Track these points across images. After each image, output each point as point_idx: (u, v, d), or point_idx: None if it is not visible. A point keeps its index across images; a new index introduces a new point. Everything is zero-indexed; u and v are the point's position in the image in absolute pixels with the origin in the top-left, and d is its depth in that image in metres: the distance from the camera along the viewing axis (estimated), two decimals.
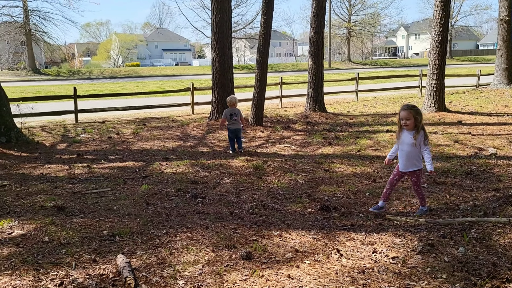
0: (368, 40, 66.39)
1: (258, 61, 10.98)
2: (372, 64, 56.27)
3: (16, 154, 8.23)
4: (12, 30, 40.81)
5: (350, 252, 3.67)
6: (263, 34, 10.68)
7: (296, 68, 50.84)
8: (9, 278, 3.22)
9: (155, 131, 10.95)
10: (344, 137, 9.64)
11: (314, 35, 12.89)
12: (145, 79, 38.30)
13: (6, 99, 9.18)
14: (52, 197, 5.36)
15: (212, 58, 11.80)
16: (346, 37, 58.57)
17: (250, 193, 5.56)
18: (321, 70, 13.27)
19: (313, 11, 12.82)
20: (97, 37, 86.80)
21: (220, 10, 11.23)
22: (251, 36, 50.36)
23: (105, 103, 16.44)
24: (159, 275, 3.30)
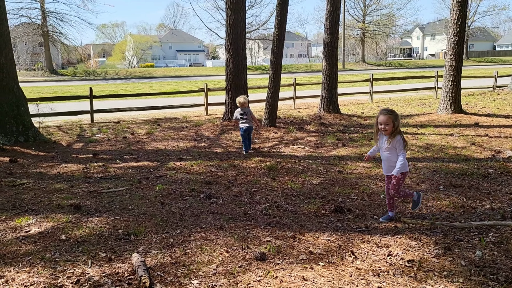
0: (383, 41, 65.79)
1: (272, 62, 10.97)
2: (387, 65, 55.76)
3: (33, 153, 8.37)
4: (30, 31, 41.56)
5: (365, 255, 3.65)
6: (277, 35, 10.67)
7: (310, 69, 50.67)
8: (27, 275, 3.28)
9: (169, 131, 11.02)
10: (358, 139, 9.57)
11: (329, 36, 12.83)
12: (159, 79, 38.61)
13: (25, 99, 9.35)
14: (69, 196, 5.44)
15: (226, 59, 11.83)
16: (360, 38, 58.17)
17: (263, 194, 5.56)
18: (335, 71, 13.20)
19: (328, 12, 12.77)
20: (113, 38, 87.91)
21: (235, 11, 11.26)
22: (264, 37, 50.40)
23: (120, 103, 16.62)
24: (174, 274, 3.32)
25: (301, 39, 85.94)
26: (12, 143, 8.79)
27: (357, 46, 62.49)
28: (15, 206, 5.04)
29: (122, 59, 71.77)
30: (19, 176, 6.61)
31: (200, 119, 12.91)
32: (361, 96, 19.30)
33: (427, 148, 8.45)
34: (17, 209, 4.93)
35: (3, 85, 8.75)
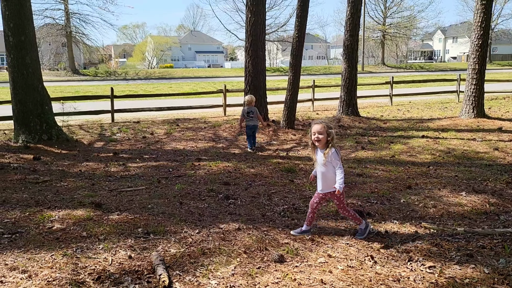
0: (403, 43, 64.87)
1: (291, 64, 10.95)
2: (407, 68, 55.01)
3: (56, 151, 8.55)
4: (54, 32, 42.52)
5: (385, 260, 3.60)
6: (297, 36, 10.65)
7: (328, 71, 50.39)
8: (49, 270, 3.35)
9: (187, 131, 11.11)
10: (378, 142, 9.47)
11: (349, 38, 12.74)
12: (178, 80, 38.97)
13: (49, 98, 9.56)
14: (90, 194, 5.54)
15: (245, 61, 11.87)
16: (380, 40, 57.52)
17: (281, 196, 5.55)
18: (355, 73, 13.09)
19: (348, 14, 12.68)
20: (133, 39, 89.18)
21: (255, 13, 11.29)
22: (283, 39, 50.31)
23: (139, 103, 16.84)
24: (192, 274, 3.34)
25: (320, 41, 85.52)
26: (36, 141, 9.00)
27: (377, 49, 61.85)
28: (39, 202, 5.15)
29: (142, 60, 72.71)
30: (43, 173, 6.76)
31: (218, 120, 12.97)
32: (381, 99, 19.08)
33: (449, 152, 8.30)
34: (40, 205, 5.04)
35: (28, 84, 8.97)
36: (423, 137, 9.89)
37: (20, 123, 9.10)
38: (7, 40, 8.82)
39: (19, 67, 8.86)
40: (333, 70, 50.59)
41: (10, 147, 8.79)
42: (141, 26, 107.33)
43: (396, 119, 13.11)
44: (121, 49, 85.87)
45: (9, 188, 5.84)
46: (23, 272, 3.31)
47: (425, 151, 8.48)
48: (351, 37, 12.73)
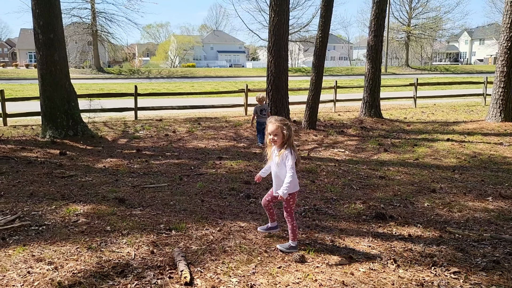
0: (428, 45, 63.68)
1: (314, 64, 10.89)
2: (432, 70, 53.98)
3: (81, 147, 8.74)
4: (80, 31, 43.45)
5: (408, 263, 3.54)
6: (321, 37, 10.58)
7: (351, 72, 49.89)
8: (75, 263, 3.43)
9: (209, 130, 11.18)
10: (401, 144, 9.32)
11: (373, 38, 12.59)
12: (200, 79, 39.27)
13: (75, 95, 9.79)
14: (114, 189, 5.64)
15: (267, 60, 11.87)
16: (404, 41, 56.60)
17: (302, 196, 5.52)
18: (379, 74, 12.93)
19: (373, 14, 12.53)
20: (157, 38, 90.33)
21: (278, 13, 11.28)
22: (305, 39, 50.11)
23: (162, 101, 17.04)
24: (213, 271, 3.36)
25: (343, 41, 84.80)
26: (62, 136, 9.22)
27: (401, 50, 60.86)
28: (64, 196, 5.28)
29: (165, 59, 73.61)
30: (68, 168, 6.92)
31: (240, 120, 13.01)
32: (404, 101, 18.78)
33: (475, 156, 8.10)
34: (66, 199, 5.16)
35: (56, 81, 9.20)
36: (448, 141, 9.68)
37: (47, 119, 9.34)
38: (37, 37, 9.07)
39: (48, 64, 9.09)
40: (356, 71, 50.05)
41: (37, 142, 9.03)
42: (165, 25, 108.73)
43: (420, 122, 12.87)
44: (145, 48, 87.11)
45: (36, 181, 6.01)
46: (50, 264, 3.39)
47: (450, 154, 8.30)
48: (375, 37, 12.58)
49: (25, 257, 3.53)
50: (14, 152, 8.02)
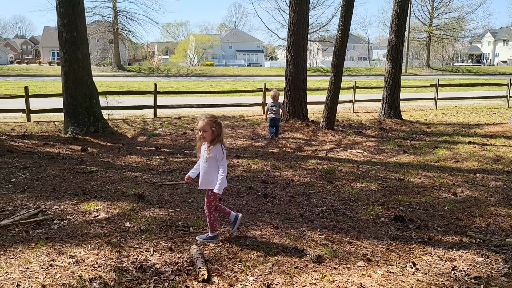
0: (450, 46, 62.46)
1: (334, 64, 10.82)
2: (453, 71, 52.98)
3: (102, 143, 8.89)
4: (102, 29, 44.18)
5: (427, 267, 3.49)
6: (341, 36, 10.50)
7: (370, 72, 49.37)
8: (95, 257, 3.49)
9: (227, 129, 11.23)
10: (421, 146, 9.18)
11: (394, 38, 12.43)
12: (218, 78, 39.45)
13: (96, 92, 9.95)
14: (133, 186, 5.72)
15: (286, 60, 11.84)
16: (425, 42, 55.67)
17: (320, 197, 5.50)
18: (399, 75, 12.77)
19: (394, 13, 12.37)
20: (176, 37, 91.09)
21: (298, 12, 11.24)
22: (324, 39, 49.79)
23: (180, 99, 17.19)
24: (230, 269, 3.38)
25: (362, 41, 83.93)
26: (83, 133, 9.40)
27: (422, 50, 59.88)
28: (85, 191, 5.38)
29: (184, 58, 74.16)
30: (89, 164, 7.05)
31: (257, 119, 13.02)
32: (424, 102, 18.51)
33: (497, 160, 7.93)
34: (87, 194, 5.26)
35: (79, 78, 9.37)
36: (469, 143, 9.50)
37: (69, 115, 9.53)
38: (61, 35, 9.25)
39: (71, 62, 9.27)
40: (375, 72, 49.51)
41: (60, 138, 9.22)
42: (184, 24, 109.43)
43: (441, 124, 12.66)
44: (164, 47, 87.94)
45: (58, 176, 6.14)
46: (71, 257, 3.47)
47: (472, 157, 8.14)
48: (396, 37, 12.42)
49: (48, 250, 3.61)
50: (37, 148, 8.21)
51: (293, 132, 10.75)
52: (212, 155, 3.69)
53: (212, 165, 3.73)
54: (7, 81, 29.88)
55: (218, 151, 3.69)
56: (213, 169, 3.74)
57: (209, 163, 3.73)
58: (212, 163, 3.73)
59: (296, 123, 11.42)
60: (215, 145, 3.68)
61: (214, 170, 3.74)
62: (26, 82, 26.92)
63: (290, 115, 11.68)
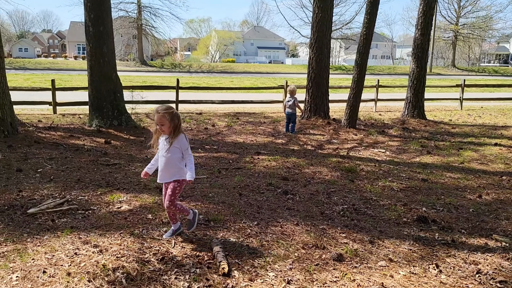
0: (477, 45, 60.90)
1: (357, 62, 10.69)
2: (479, 71, 51.67)
3: (125, 137, 9.03)
4: (126, 24, 44.84)
5: (450, 269, 3.43)
6: (365, 34, 10.37)
7: (393, 71, 48.61)
8: (118, 247, 3.56)
9: (247, 125, 11.25)
10: (445, 147, 9.00)
11: (420, 37, 12.20)
12: (239, 75, 39.52)
13: (121, 87, 10.11)
14: (155, 179, 5.71)
15: (309, 57, 11.76)
16: (451, 41, 54.43)
17: (341, 195, 5.46)
18: (424, 74, 12.53)
19: (421, 11, 12.13)
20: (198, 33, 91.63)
21: (322, 9, 11.14)
22: (347, 37, 49.26)
23: (202, 95, 17.30)
24: (251, 264, 3.39)
25: (386, 40, 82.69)
26: (107, 126, 9.57)
27: (447, 50, 58.60)
28: (109, 183, 5.48)
29: (206, 54, 74.55)
30: (113, 156, 7.17)
31: (278, 116, 12.99)
32: (449, 103, 18.11)
33: None
34: (110, 186, 5.36)
35: (104, 72, 9.54)
36: (496, 145, 9.25)
37: (94, 109, 9.71)
38: (87, 30, 9.43)
39: (97, 56, 9.44)
40: (398, 71, 48.73)
41: (84, 130, 9.41)
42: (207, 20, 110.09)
43: (466, 125, 12.37)
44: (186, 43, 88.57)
45: (83, 168, 6.27)
46: (95, 247, 3.54)
47: (498, 159, 7.93)
48: (422, 36, 12.18)
49: (72, 239, 3.70)
50: (63, 139, 8.40)
51: (314, 129, 10.69)
52: (176, 145, 3.59)
53: (175, 156, 3.62)
54: (35, 74, 30.66)
55: (182, 141, 3.61)
56: (177, 160, 3.63)
57: (173, 154, 3.61)
58: (175, 154, 3.62)
59: (317, 120, 11.35)
60: (177, 136, 3.59)
61: (178, 160, 3.64)
62: (53, 75, 27.55)
63: (312, 113, 11.61)
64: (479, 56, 68.21)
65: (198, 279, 3.10)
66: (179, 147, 3.61)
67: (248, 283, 3.10)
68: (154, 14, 45.30)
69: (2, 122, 7.87)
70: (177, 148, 3.60)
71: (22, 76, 26.99)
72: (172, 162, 3.63)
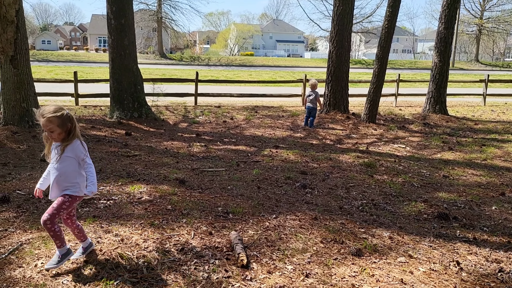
0: (502, 40, 59.26)
1: (378, 56, 10.54)
2: (504, 67, 50.30)
3: (145, 129, 9.15)
4: (146, 17, 45.22)
5: (472, 267, 3.38)
6: (387, 27, 10.20)
7: (414, 65, 47.76)
8: (138, 236, 3.62)
9: (266, 119, 11.24)
10: (468, 144, 8.82)
11: (443, 30, 11.94)
12: (258, 68, 39.45)
13: (141, 79, 10.23)
14: (175, 171, 5.86)
15: (329, 51, 11.65)
16: (475, 35, 53.10)
17: (360, 190, 5.42)
18: (446, 69, 12.27)
19: (445, 4, 11.85)
20: (217, 26, 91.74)
21: (343, 2, 11.00)
22: (368, 30, 48.54)
23: (220, 88, 17.35)
24: (269, 256, 3.40)
25: (407, 33, 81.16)
26: (128, 117, 9.71)
27: (471, 44, 57.25)
28: (129, 174, 5.57)
29: (225, 47, 74.63)
30: (133, 148, 7.28)
31: (297, 110, 12.94)
32: (472, 98, 17.72)
33: None
34: (131, 177, 5.44)
35: (125, 64, 9.66)
36: None
37: (115, 101, 9.86)
38: (109, 22, 9.54)
39: (118, 49, 9.56)
40: (419, 65, 47.84)
41: (106, 122, 9.57)
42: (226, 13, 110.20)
43: (489, 121, 12.09)
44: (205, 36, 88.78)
45: (104, 159, 6.39)
46: (116, 236, 3.61)
47: None
48: (446, 29, 11.92)
49: (95, 227, 3.78)
50: (85, 130, 8.56)
51: (333, 124, 10.62)
52: (69, 154, 2.93)
53: (69, 167, 2.95)
54: (57, 66, 31.26)
55: (77, 148, 2.95)
56: (71, 172, 2.96)
57: (66, 165, 2.94)
58: (69, 165, 2.95)
59: (337, 115, 11.26)
60: (71, 142, 2.93)
61: (74, 172, 2.98)
62: (74, 67, 28.03)
63: (331, 107, 11.53)
64: (504, 51, 66.37)
65: (217, 270, 3.13)
66: (73, 156, 2.95)
67: (267, 275, 3.11)
68: (174, 7, 45.70)
69: (27, 113, 8.07)
70: (71, 157, 2.95)
71: (45, 68, 27.55)
72: (64, 175, 2.95)
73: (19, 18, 7.84)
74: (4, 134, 7.44)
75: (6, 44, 7.77)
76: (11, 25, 7.74)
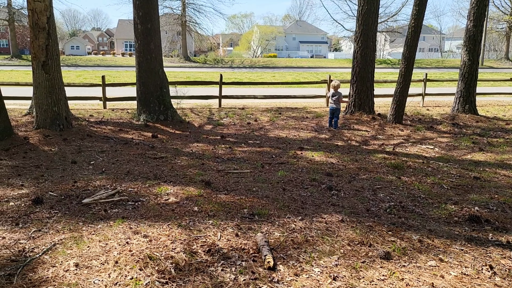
0: None
1: (405, 55, 10.35)
2: None
3: (171, 131, 9.28)
4: (171, 21, 45.90)
5: (506, 272, 3.27)
6: (413, 26, 10.01)
7: (441, 64, 46.66)
8: (166, 238, 3.67)
9: (290, 120, 11.21)
10: (499, 144, 8.55)
11: (472, 28, 11.62)
12: (281, 70, 39.39)
13: (167, 82, 10.38)
14: (200, 172, 5.91)
15: (354, 51, 11.52)
16: (505, 32, 51.37)
17: (387, 192, 5.33)
18: (476, 67, 11.93)
19: (473, 1, 11.53)
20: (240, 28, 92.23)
21: (368, 1, 10.86)
22: (393, 29, 47.71)
23: (244, 90, 17.40)
24: (296, 259, 3.39)
25: (434, 32, 79.43)
26: (154, 120, 9.87)
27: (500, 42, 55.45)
28: (156, 176, 5.66)
29: (248, 49, 74.84)
30: (159, 150, 7.39)
31: (321, 111, 12.85)
32: (502, 97, 17.18)
33: None
34: (158, 179, 5.53)
35: (151, 68, 9.83)
36: None
37: (142, 104, 10.04)
38: (136, 27, 9.73)
39: (144, 52, 9.74)
40: (447, 64, 46.72)
41: (133, 125, 9.76)
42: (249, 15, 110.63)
43: None
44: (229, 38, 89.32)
45: (132, 161, 6.51)
46: (145, 237, 3.67)
47: None
48: (475, 27, 11.59)
49: (124, 228, 3.85)
50: (113, 133, 8.75)
51: (359, 125, 10.49)
52: None
53: None
54: (85, 70, 32.09)
55: None
56: None
57: None
58: None
59: (362, 116, 11.12)
60: None
61: None
62: (102, 72, 28.69)
63: (356, 108, 11.39)
64: None
65: (244, 272, 3.14)
66: None
67: (294, 277, 3.10)
68: (198, 10, 46.10)
69: (58, 117, 8.31)
70: None
71: (74, 73, 28.32)
72: None
73: (50, 24, 8.10)
74: (37, 137, 7.69)
75: (38, 50, 8.04)
76: (43, 31, 8.00)
